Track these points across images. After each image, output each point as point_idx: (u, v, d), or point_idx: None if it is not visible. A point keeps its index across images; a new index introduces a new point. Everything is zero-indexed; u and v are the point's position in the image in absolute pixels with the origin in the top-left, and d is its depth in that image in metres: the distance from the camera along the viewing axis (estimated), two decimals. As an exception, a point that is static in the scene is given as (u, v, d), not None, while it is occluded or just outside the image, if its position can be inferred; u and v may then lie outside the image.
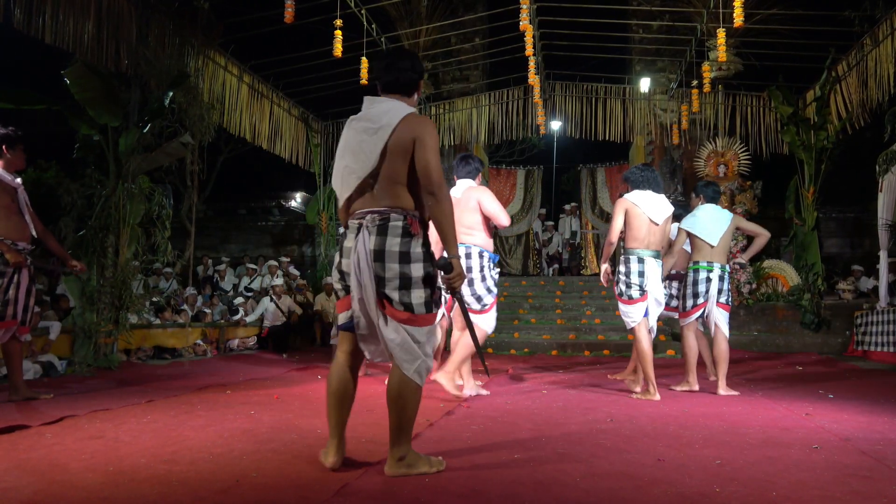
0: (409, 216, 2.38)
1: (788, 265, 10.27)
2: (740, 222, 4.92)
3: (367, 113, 2.51)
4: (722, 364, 4.68)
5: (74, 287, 6.26)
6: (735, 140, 10.99)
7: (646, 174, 4.58)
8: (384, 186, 2.39)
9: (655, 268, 4.47)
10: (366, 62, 8.65)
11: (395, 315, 2.33)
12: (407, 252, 2.33)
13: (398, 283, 2.32)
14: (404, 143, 2.37)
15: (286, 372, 6.16)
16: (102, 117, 6.28)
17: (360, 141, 2.43)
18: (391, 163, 2.38)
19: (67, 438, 2.95)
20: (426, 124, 2.42)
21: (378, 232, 2.34)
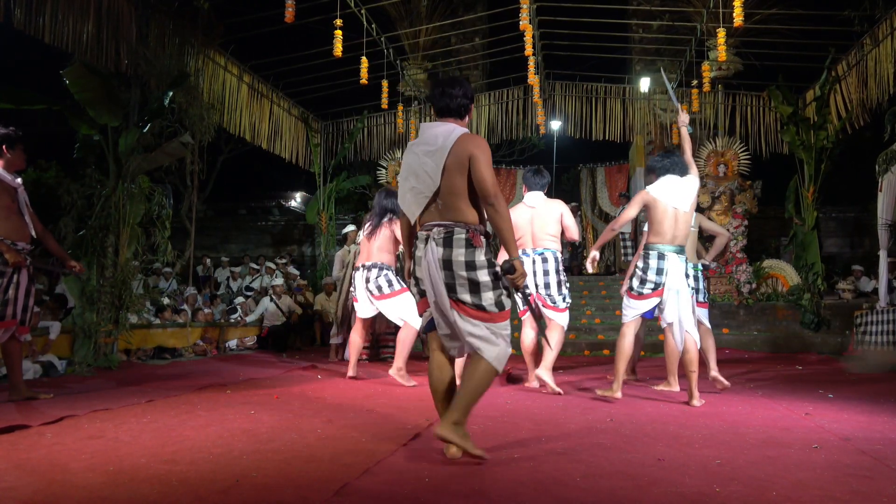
0: (472, 230, 2.66)
1: (788, 265, 10.28)
2: (703, 221, 5.15)
3: (424, 137, 2.81)
4: (712, 355, 4.97)
5: (74, 287, 6.26)
6: (735, 140, 10.99)
7: (669, 160, 4.24)
8: (447, 202, 2.68)
9: (678, 264, 4.13)
10: (366, 62, 8.65)
11: (470, 314, 2.63)
12: (472, 261, 2.62)
13: (468, 287, 2.63)
14: (461, 160, 2.65)
15: (286, 372, 6.16)
16: (102, 117, 6.28)
17: (421, 163, 2.73)
18: (451, 179, 2.66)
19: (67, 438, 2.95)
20: (479, 142, 2.71)
21: (444, 244, 2.64)
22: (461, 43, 12.38)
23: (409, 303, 5.02)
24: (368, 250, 5.15)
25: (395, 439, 2.93)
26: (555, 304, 4.67)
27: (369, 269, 5.09)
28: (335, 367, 6.44)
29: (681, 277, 4.13)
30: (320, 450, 2.73)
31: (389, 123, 12.45)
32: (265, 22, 9.12)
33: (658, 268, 4.14)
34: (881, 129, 8.31)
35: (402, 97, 11.77)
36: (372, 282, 5.05)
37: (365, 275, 5.10)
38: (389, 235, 5.11)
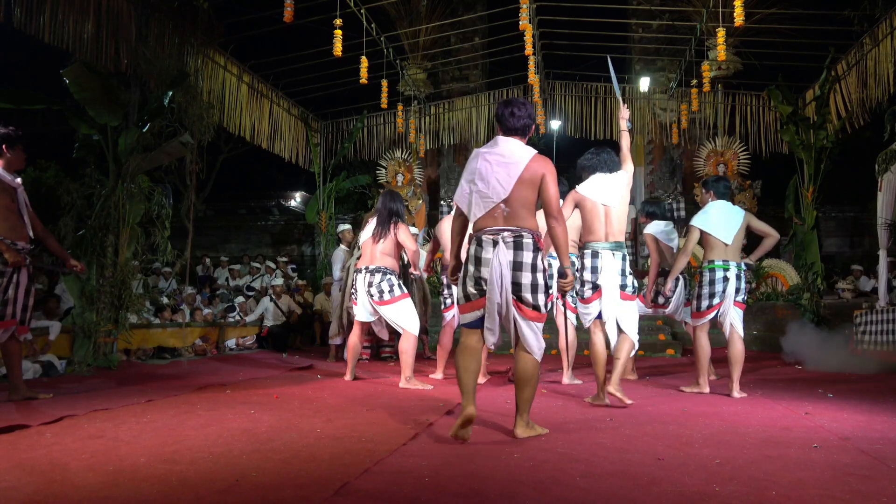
0: (536, 235, 3.02)
1: (788, 264, 10.28)
2: (752, 220, 4.79)
3: (497, 148, 3.10)
4: (737, 366, 4.56)
5: (74, 287, 6.25)
6: (734, 139, 11.00)
7: (598, 158, 4.24)
8: (515, 210, 3.00)
9: (612, 261, 4.05)
10: (365, 61, 8.65)
11: (527, 314, 2.99)
12: (535, 264, 2.98)
13: (530, 288, 2.98)
14: (534, 176, 3.01)
15: (286, 372, 6.16)
16: (102, 117, 6.28)
17: (492, 171, 3.03)
18: (521, 191, 3.00)
19: (67, 438, 2.95)
20: (550, 164, 3.09)
21: (514, 247, 2.97)
22: (461, 42, 12.38)
23: (409, 309, 4.97)
24: (372, 253, 5.05)
25: (395, 439, 2.93)
26: (574, 305, 4.71)
27: (372, 272, 4.99)
28: (334, 368, 6.44)
29: (614, 275, 4.05)
30: (320, 449, 2.73)
31: (389, 123, 12.45)
32: (265, 21, 9.12)
33: (593, 266, 4.12)
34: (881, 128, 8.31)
35: (402, 97, 11.77)
36: (374, 286, 4.97)
37: (367, 278, 5.00)
38: (394, 240, 5.04)
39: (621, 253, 4.09)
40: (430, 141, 12.45)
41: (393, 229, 5.00)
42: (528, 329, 3.00)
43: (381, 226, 5.06)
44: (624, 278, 4.08)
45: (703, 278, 4.72)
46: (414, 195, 12.13)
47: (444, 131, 12.41)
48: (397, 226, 5.01)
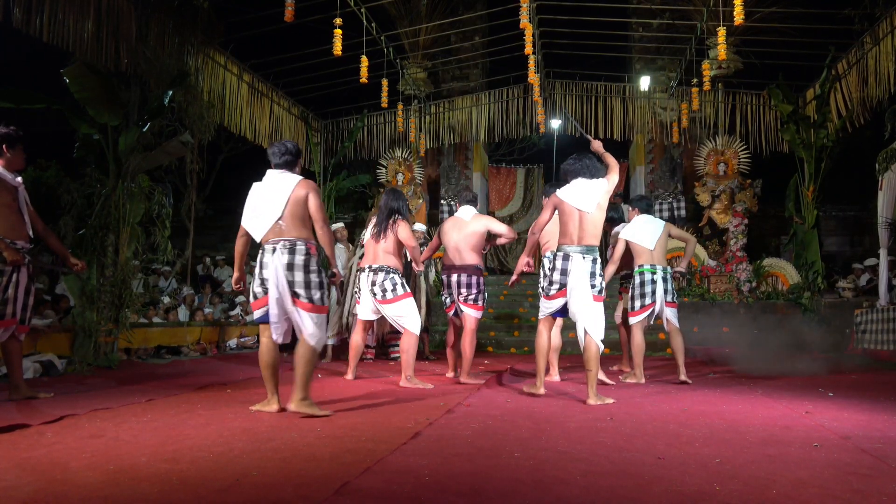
0: (308, 243, 3.56)
1: (788, 263, 10.28)
2: (671, 229, 5.50)
3: (268, 181, 3.71)
4: (679, 354, 5.28)
5: (74, 286, 6.25)
6: (735, 138, 10.99)
7: (580, 164, 4.33)
8: (289, 224, 3.62)
9: (581, 264, 4.17)
10: (365, 61, 8.65)
11: (302, 306, 3.52)
12: (309, 265, 3.55)
13: (304, 285, 3.53)
14: (300, 196, 3.59)
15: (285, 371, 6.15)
16: (102, 116, 6.28)
17: (267, 198, 3.65)
18: (292, 208, 3.61)
19: (67, 437, 2.95)
20: (312, 184, 3.68)
21: (289, 252, 3.54)
22: (461, 42, 12.38)
23: (412, 308, 4.98)
24: (374, 252, 5.05)
25: (396, 438, 2.93)
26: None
27: (375, 271, 5.00)
28: (335, 367, 6.45)
29: (582, 277, 4.16)
30: (320, 449, 2.73)
31: (389, 122, 12.45)
32: (265, 21, 9.11)
33: (562, 268, 4.22)
34: (881, 127, 8.32)
35: (402, 96, 11.77)
36: (378, 285, 4.98)
37: (371, 277, 5.01)
38: (395, 238, 5.02)
39: (591, 256, 4.20)
40: (430, 140, 12.45)
41: (393, 227, 5.00)
42: (308, 320, 3.52)
43: (381, 224, 5.06)
44: (592, 280, 4.18)
45: (635, 280, 5.39)
46: (414, 194, 12.12)
47: (445, 130, 12.41)
48: (397, 223, 5.00)
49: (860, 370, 6.45)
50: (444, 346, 5.95)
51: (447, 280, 5.29)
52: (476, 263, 5.23)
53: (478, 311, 5.22)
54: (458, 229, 5.29)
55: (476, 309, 5.20)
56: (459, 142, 12.58)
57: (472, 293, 5.18)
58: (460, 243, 5.23)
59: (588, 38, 10.18)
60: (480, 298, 5.23)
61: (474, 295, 5.19)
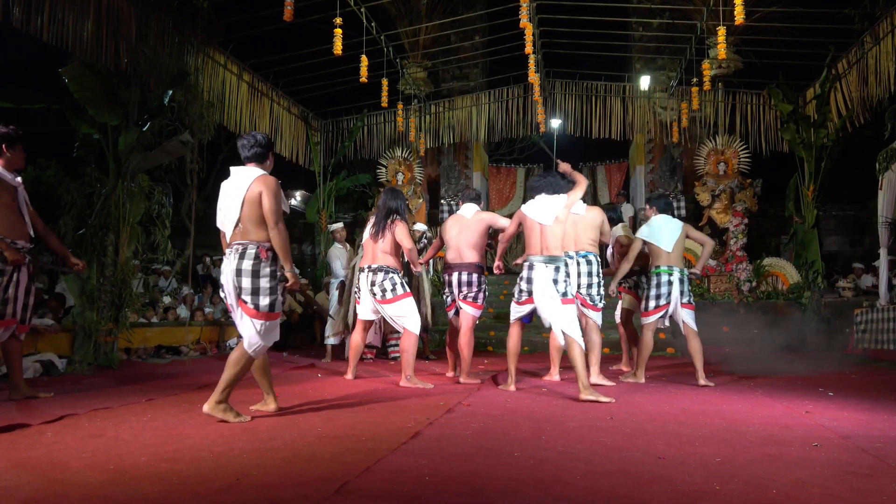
0: (261, 246, 3.36)
1: (788, 263, 10.28)
2: (690, 231, 5.42)
3: (230, 178, 3.50)
4: (697, 358, 5.13)
5: (74, 286, 6.26)
6: (735, 138, 10.99)
7: (544, 181, 4.66)
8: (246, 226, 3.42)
9: (545, 272, 4.45)
10: (365, 60, 8.64)
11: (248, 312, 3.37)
12: (258, 270, 3.36)
13: (251, 291, 3.36)
14: (254, 195, 3.37)
15: (286, 370, 6.16)
16: (102, 116, 6.28)
17: (228, 197, 3.45)
18: (248, 209, 3.40)
19: (68, 437, 2.95)
20: (268, 181, 3.44)
21: (238, 256, 3.38)
22: (461, 41, 12.37)
23: (411, 308, 4.97)
24: (373, 252, 5.04)
25: (396, 438, 2.93)
26: (594, 304, 5.18)
27: (375, 271, 4.99)
28: (335, 367, 6.45)
29: (546, 285, 4.43)
30: (320, 448, 2.73)
31: (389, 122, 12.45)
32: (265, 20, 9.11)
33: (528, 277, 4.53)
34: (881, 127, 8.31)
35: (402, 95, 11.77)
36: (377, 285, 4.97)
37: (370, 277, 5.00)
38: (393, 238, 4.99)
39: (554, 265, 4.47)
40: (430, 140, 12.45)
41: (391, 227, 4.99)
42: (249, 325, 3.37)
43: (379, 224, 5.05)
44: (556, 285, 4.43)
45: (651, 281, 5.33)
46: (414, 194, 12.12)
47: (445, 130, 12.41)
48: (395, 223, 4.99)
49: (860, 370, 6.45)
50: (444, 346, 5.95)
51: (448, 279, 5.28)
52: (477, 262, 5.22)
53: (476, 310, 5.20)
54: (460, 227, 5.28)
55: (474, 307, 5.19)
56: (459, 141, 12.57)
57: (472, 291, 5.18)
58: (461, 242, 5.23)
59: (588, 38, 10.17)
60: (480, 297, 5.22)
61: (474, 293, 5.18)
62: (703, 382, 5.04)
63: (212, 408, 3.34)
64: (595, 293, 5.16)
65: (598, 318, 5.22)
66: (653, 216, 5.45)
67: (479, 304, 5.23)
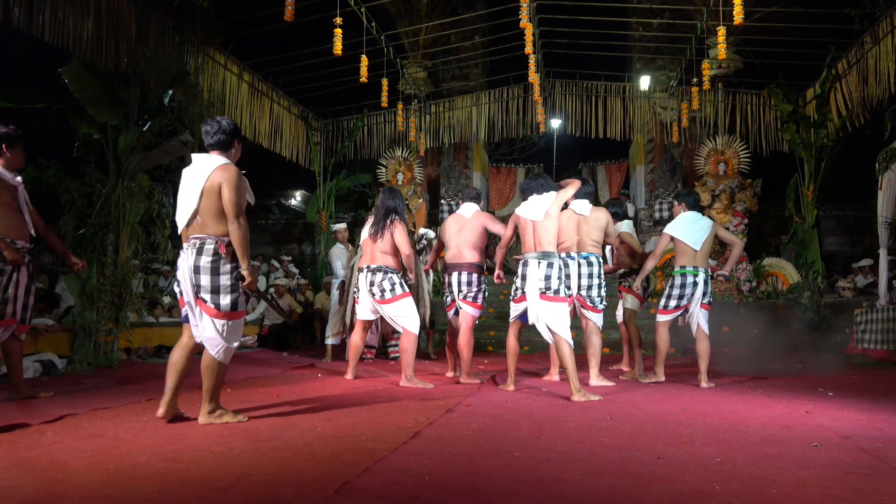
0: (219, 241, 3.19)
1: (788, 263, 10.27)
2: (719, 230, 5.24)
3: (191, 166, 3.29)
4: (704, 359, 5.09)
5: (74, 285, 6.26)
6: (735, 138, 10.99)
7: (535, 182, 4.70)
8: (204, 219, 3.23)
9: (537, 269, 4.45)
10: (365, 60, 8.64)
11: (207, 311, 3.23)
12: (217, 267, 3.21)
13: (210, 289, 3.21)
14: (213, 186, 3.18)
15: (286, 370, 6.16)
16: (102, 116, 6.28)
17: (186, 187, 3.25)
18: (207, 201, 3.21)
19: (68, 437, 2.95)
20: (230, 172, 3.23)
21: (196, 252, 3.20)
22: (461, 41, 12.37)
23: (410, 308, 4.96)
24: (372, 253, 5.03)
25: (396, 438, 2.93)
26: (594, 306, 5.11)
27: (374, 272, 4.98)
28: (335, 366, 6.45)
29: (536, 281, 4.44)
30: (320, 448, 2.73)
31: (389, 122, 12.45)
32: (265, 20, 9.11)
33: (522, 274, 4.57)
34: (881, 127, 8.31)
35: (402, 95, 11.77)
36: (376, 285, 4.97)
37: (369, 278, 4.99)
38: (392, 238, 5.00)
39: (546, 261, 4.47)
40: (430, 140, 12.45)
41: (390, 228, 4.98)
42: (211, 327, 3.23)
43: (378, 224, 5.03)
44: (547, 282, 4.43)
45: (674, 281, 5.22)
46: (414, 194, 12.12)
47: (445, 130, 12.41)
48: (394, 224, 4.97)
49: (860, 370, 6.45)
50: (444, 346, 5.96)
51: (448, 279, 5.27)
52: (476, 261, 5.22)
53: (475, 310, 5.20)
54: (459, 227, 5.28)
55: (474, 307, 5.18)
56: (459, 141, 12.58)
57: (471, 291, 5.17)
58: (461, 241, 5.22)
59: (588, 38, 10.17)
60: (480, 296, 5.21)
61: (474, 293, 5.17)
62: (705, 385, 5.00)
63: (206, 418, 3.30)
64: (595, 295, 5.09)
65: (598, 319, 5.16)
66: (681, 212, 5.30)
67: (479, 304, 5.23)
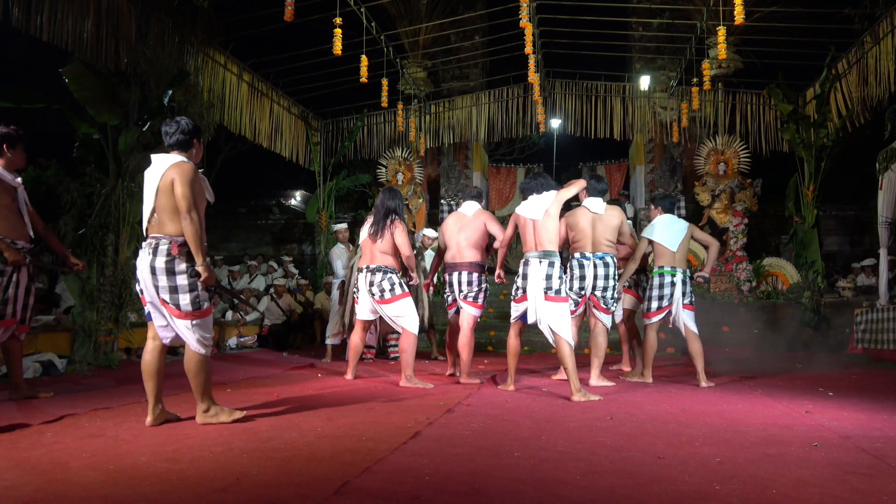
0: (173, 241, 3.14)
1: (788, 263, 10.27)
2: (695, 231, 5.36)
3: (151, 166, 3.24)
4: (698, 359, 5.11)
5: (74, 286, 6.26)
6: (735, 138, 10.99)
7: (535, 182, 4.70)
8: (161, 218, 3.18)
9: (538, 268, 4.44)
10: (365, 60, 8.64)
11: (173, 313, 3.18)
12: (172, 268, 3.14)
13: (169, 290, 3.16)
14: (167, 183, 3.14)
15: (286, 370, 6.17)
16: (102, 116, 6.28)
17: (146, 186, 3.21)
18: (161, 199, 3.17)
19: (68, 437, 2.95)
20: (182, 168, 3.17)
21: (152, 253, 3.16)
22: (461, 41, 12.37)
23: (410, 308, 4.96)
24: (371, 253, 5.03)
25: (396, 438, 2.93)
26: (606, 307, 5.05)
27: (373, 272, 4.98)
28: (335, 367, 6.45)
29: (538, 281, 4.43)
30: (320, 448, 2.73)
31: (389, 122, 12.45)
32: (265, 20, 9.11)
33: (523, 273, 4.55)
34: (881, 126, 8.31)
35: (402, 95, 11.77)
36: (376, 285, 4.97)
37: (369, 278, 4.99)
38: (392, 238, 4.98)
39: (548, 260, 4.46)
40: (430, 140, 12.45)
41: (390, 227, 4.98)
42: (182, 327, 3.19)
43: (378, 224, 5.03)
44: (549, 282, 4.41)
45: (653, 282, 5.31)
46: (414, 194, 12.12)
47: (445, 130, 12.41)
48: (394, 224, 4.97)
49: (860, 370, 6.45)
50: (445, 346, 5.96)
51: (449, 279, 5.26)
52: (478, 261, 5.20)
53: (476, 309, 5.19)
54: (460, 226, 5.26)
55: (475, 307, 5.17)
56: (459, 141, 12.57)
57: (472, 291, 5.16)
58: (462, 240, 5.21)
59: (588, 38, 10.17)
60: (481, 296, 5.20)
61: (475, 293, 5.16)
62: (705, 384, 5.01)
63: (202, 417, 3.30)
64: (609, 296, 5.03)
65: (608, 321, 5.10)
66: (658, 216, 5.43)
67: (480, 303, 5.22)
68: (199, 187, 3.22)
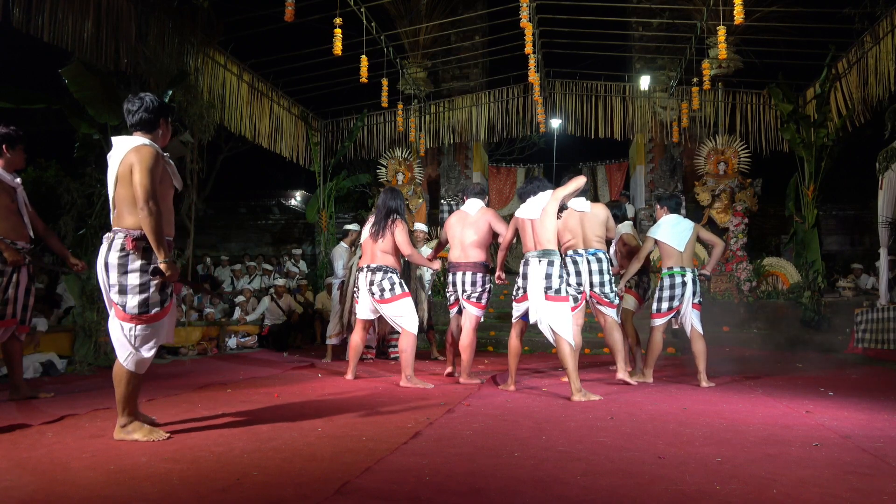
0: (128, 235, 2.90)
1: (789, 263, 10.28)
2: (700, 231, 5.34)
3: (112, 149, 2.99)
4: (701, 359, 5.11)
5: (75, 286, 6.25)
6: (735, 138, 10.99)
7: (531, 185, 4.72)
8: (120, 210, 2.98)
9: (537, 268, 4.43)
10: (365, 60, 8.64)
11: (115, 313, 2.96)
12: (125, 264, 2.92)
13: (117, 289, 2.97)
14: (126, 171, 2.90)
15: (287, 370, 6.16)
16: (102, 116, 6.28)
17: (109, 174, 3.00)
18: (120, 189, 2.97)
19: (68, 437, 2.95)
20: (143, 153, 2.89)
21: (108, 248, 2.98)
22: (461, 41, 12.37)
23: (409, 307, 4.95)
24: (372, 252, 5.03)
25: (396, 438, 2.93)
26: (609, 301, 5.06)
27: (374, 271, 4.98)
28: (335, 367, 6.44)
29: (537, 281, 4.41)
30: (321, 448, 2.73)
31: (389, 122, 12.46)
32: (265, 20, 9.12)
33: (524, 273, 4.55)
34: (881, 126, 8.31)
35: (402, 95, 11.77)
36: (376, 285, 4.96)
37: (369, 277, 4.99)
38: (393, 238, 4.98)
39: (547, 259, 4.45)
40: (430, 139, 12.46)
41: (391, 227, 4.98)
42: (115, 327, 2.95)
43: (379, 224, 5.03)
44: (549, 281, 4.39)
45: (663, 283, 5.25)
46: (414, 194, 12.12)
47: (445, 130, 12.41)
48: (395, 224, 4.97)
49: (860, 370, 6.45)
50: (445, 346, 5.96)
51: (452, 279, 5.24)
52: (482, 260, 5.18)
53: (479, 310, 5.17)
54: (463, 224, 5.24)
55: (478, 307, 5.16)
56: (459, 141, 12.58)
57: (476, 291, 5.14)
58: (465, 239, 5.18)
59: (588, 38, 10.17)
60: (485, 297, 5.17)
61: (478, 293, 5.15)
62: (706, 384, 5.00)
63: (117, 432, 2.87)
64: (609, 290, 5.05)
65: (614, 314, 5.11)
66: (664, 216, 5.41)
67: (483, 304, 5.20)
68: (161, 174, 2.90)
